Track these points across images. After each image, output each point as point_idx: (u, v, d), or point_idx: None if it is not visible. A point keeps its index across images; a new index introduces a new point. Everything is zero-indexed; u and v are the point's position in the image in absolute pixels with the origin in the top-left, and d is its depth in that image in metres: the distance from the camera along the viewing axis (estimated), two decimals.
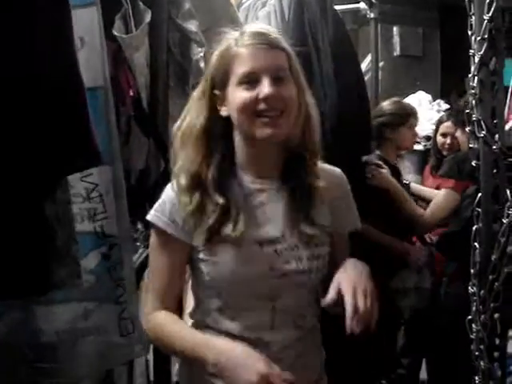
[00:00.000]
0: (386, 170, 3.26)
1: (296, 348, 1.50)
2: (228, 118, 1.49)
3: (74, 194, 1.67)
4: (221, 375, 1.33)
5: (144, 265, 2.40)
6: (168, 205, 1.49)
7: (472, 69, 1.72)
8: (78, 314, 1.78)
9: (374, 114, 3.31)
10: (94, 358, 1.82)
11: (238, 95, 1.45)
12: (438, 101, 4.78)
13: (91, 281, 1.76)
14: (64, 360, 1.78)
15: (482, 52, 1.68)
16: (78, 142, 1.30)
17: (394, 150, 3.42)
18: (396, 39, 5.98)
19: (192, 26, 2.36)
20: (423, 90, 4.95)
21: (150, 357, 2.43)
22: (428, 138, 4.44)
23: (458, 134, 3.67)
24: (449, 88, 5.77)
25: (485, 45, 1.67)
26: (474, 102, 1.70)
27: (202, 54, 2.36)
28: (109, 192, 1.79)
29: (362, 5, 3.99)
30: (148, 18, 2.18)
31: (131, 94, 2.31)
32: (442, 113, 4.46)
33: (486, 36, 1.67)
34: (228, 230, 1.43)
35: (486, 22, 1.66)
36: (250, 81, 1.44)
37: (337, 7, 3.29)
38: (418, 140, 4.17)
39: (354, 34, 4.99)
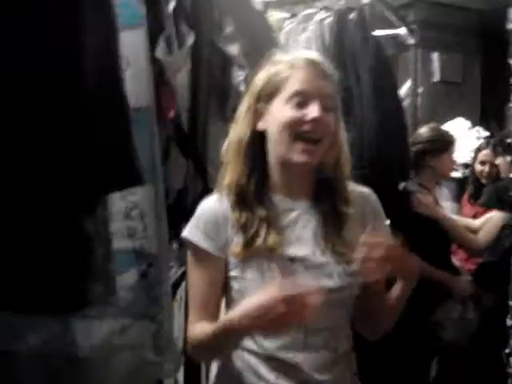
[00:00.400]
0: (431, 199, 3.24)
1: (330, 372, 1.49)
2: (263, 135, 1.52)
3: (115, 211, 1.69)
4: (255, 324, 1.32)
5: (177, 284, 2.41)
6: (203, 220, 1.52)
7: None
8: (115, 330, 1.79)
9: (412, 140, 3.30)
10: (127, 376, 1.83)
11: (284, 112, 1.48)
12: (477, 128, 4.73)
13: (128, 298, 1.77)
14: (97, 376, 1.78)
15: None
16: (122, 161, 1.31)
17: (433, 178, 3.41)
18: (436, 65, 5.95)
19: (233, 49, 2.39)
20: (462, 117, 4.91)
21: (180, 377, 2.43)
22: (466, 166, 4.40)
23: (499, 161, 3.64)
24: (488, 115, 5.73)
25: None
26: None
27: (242, 78, 2.39)
28: (150, 211, 1.80)
29: (403, 30, 3.99)
30: (191, 40, 2.20)
31: (171, 114, 2.34)
32: (482, 140, 4.41)
33: None
34: (261, 242, 1.46)
35: None
36: (300, 101, 1.47)
37: (377, 33, 3.30)
38: (456, 167, 4.14)
39: (393, 59, 4.98)
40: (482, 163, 3.91)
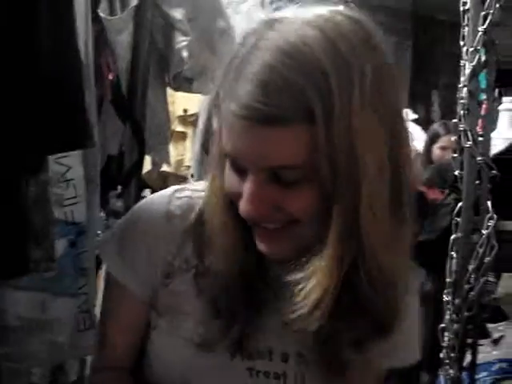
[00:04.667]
0: None
1: None
2: None
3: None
4: None
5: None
6: (134, 240, 0.99)
7: (462, 79, 1.73)
8: (38, 304, 1.70)
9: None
10: (47, 351, 1.75)
11: (226, 173, 0.87)
12: (407, 110, 4.82)
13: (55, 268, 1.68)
14: (22, 345, 1.71)
15: (474, 63, 1.69)
16: (72, 119, 1.23)
17: None
18: None
19: (177, 13, 2.31)
20: None
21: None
22: None
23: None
24: (416, 98, 5.84)
25: (477, 56, 1.68)
26: (462, 112, 1.71)
27: (185, 43, 2.32)
28: (82, 177, 1.71)
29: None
30: (135, 1, 2.13)
31: (110, 77, 2.25)
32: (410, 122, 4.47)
33: (479, 47, 1.68)
34: None
35: (480, 33, 1.67)
36: (235, 165, 0.84)
37: None
38: None
39: None
40: (443, 148, 3.91)
